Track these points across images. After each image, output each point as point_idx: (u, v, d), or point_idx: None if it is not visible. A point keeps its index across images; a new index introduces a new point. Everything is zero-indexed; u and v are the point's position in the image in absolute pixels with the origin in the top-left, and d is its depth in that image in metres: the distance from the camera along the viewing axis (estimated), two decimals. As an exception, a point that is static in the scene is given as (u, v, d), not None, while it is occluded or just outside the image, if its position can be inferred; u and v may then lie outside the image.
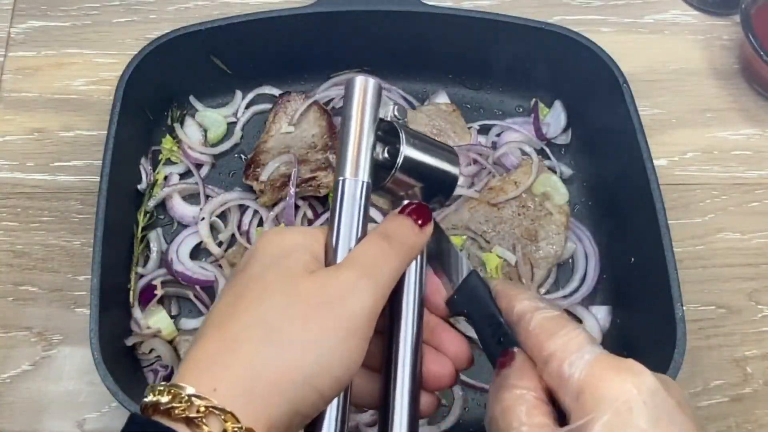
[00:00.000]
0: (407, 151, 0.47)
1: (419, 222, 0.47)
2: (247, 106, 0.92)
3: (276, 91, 0.93)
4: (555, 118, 0.92)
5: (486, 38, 0.88)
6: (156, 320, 0.77)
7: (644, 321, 0.78)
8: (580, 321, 0.82)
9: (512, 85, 0.94)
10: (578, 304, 0.83)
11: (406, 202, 0.49)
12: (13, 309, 0.81)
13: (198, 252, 0.83)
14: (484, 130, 0.92)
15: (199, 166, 0.88)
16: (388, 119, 0.49)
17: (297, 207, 0.83)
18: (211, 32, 0.84)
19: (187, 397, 0.37)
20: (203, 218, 0.83)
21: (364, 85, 0.48)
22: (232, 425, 0.36)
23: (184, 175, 0.88)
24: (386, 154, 0.48)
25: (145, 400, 0.38)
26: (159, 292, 0.78)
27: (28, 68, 0.94)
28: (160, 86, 0.87)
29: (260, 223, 0.84)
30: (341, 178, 0.46)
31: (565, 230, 0.84)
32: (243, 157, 0.90)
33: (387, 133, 0.49)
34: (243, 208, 0.85)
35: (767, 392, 0.81)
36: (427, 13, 0.86)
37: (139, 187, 0.85)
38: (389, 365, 0.47)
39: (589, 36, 0.86)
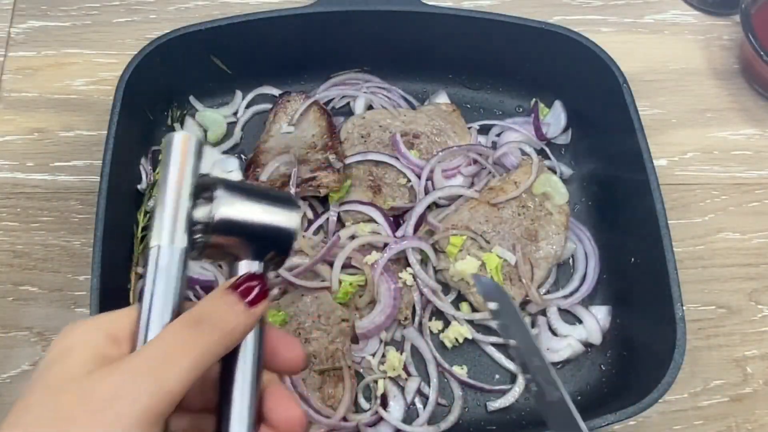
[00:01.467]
0: (224, 211, 0.41)
1: (248, 299, 0.41)
2: (247, 106, 0.92)
3: (276, 91, 0.93)
4: (555, 118, 0.92)
5: (486, 38, 0.88)
6: (156, 320, 0.77)
7: (644, 321, 0.78)
8: (580, 321, 0.82)
9: (512, 85, 0.94)
10: (578, 304, 0.83)
11: (240, 274, 0.43)
12: (13, 309, 0.81)
13: (198, 252, 0.83)
14: (484, 130, 0.92)
15: (199, 166, 0.88)
16: (212, 174, 0.44)
17: (297, 207, 0.83)
18: (211, 32, 0.84)
19: None
20: (203, 218, 0.83)
21: (183, 143, 0.43)
22: None
23: (184, 175, 0.88)
24: (206, 214, 0.42)
25: None
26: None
27: (28, 68, 0.94)
28: (160, 86, 0.87)
29: (260, 223, 0.84)
30: (155, 244, 0.41)
31: (565, 230, 0.84)
32: (243, 157, 0.90)
33: (209, 189, 0.43)
34: (243, 208, 0.85)
35: (767, 392, 0.81)
36: (427, 13, 0.86)
37: (139, 187, 0.85)
38: None
39: (589, 36, 0.86)
